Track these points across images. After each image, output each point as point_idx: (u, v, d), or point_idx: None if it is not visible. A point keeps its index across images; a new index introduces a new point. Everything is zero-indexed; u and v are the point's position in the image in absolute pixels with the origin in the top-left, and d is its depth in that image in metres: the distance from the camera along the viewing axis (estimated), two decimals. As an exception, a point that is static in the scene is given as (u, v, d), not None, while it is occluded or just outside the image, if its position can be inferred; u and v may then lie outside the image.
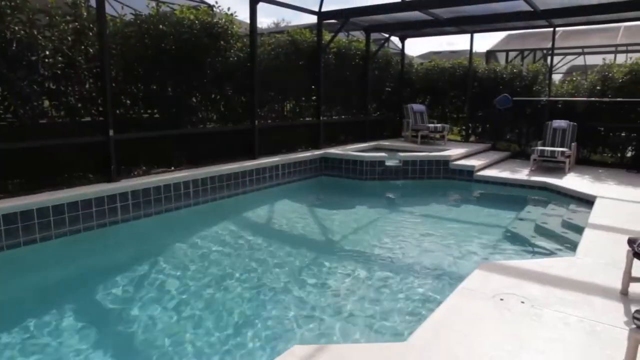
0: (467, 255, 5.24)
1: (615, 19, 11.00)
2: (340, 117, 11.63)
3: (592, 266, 4.08)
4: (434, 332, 2.92)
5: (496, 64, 13.99)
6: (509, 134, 12.31)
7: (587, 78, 11.23)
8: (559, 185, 7.76)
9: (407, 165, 8.84)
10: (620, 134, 10.66)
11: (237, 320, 3.73)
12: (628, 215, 5.85)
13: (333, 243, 5.95)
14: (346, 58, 11.33)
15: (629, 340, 2.31)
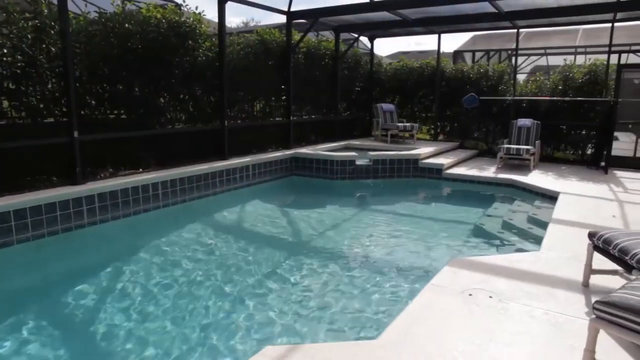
0: (437, 252, 5.33)
1: (574, 21, 11.44)
2: (310, 116, 11.66)
3: (556, 260, 4.21)
4: (404, 328, 2.95)
5: (463, 64, 14.25)
6: (477, 132, 12.58)
7: (550, 78, 11.58)
8: (525, 182, 7.98)
9: (377, 164, 8.92)
10: (580, 132, 11.04)
11: (208, 322, 3.69)
12: (589, 210, 6.06)
13: (305, 243, 5.96)
14: (316, 58, 11.36)
15: (589, 330, 2.39)
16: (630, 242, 3.22)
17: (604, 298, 2.34)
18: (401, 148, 10.26)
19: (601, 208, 6.20)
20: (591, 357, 2.41)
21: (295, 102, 10.58)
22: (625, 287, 2.46)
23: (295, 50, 10.38)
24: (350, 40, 12.84)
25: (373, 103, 12.67)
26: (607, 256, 3.43)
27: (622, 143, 12.16)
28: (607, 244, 3.36)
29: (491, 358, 2.66)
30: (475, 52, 17.17)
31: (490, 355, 2.69)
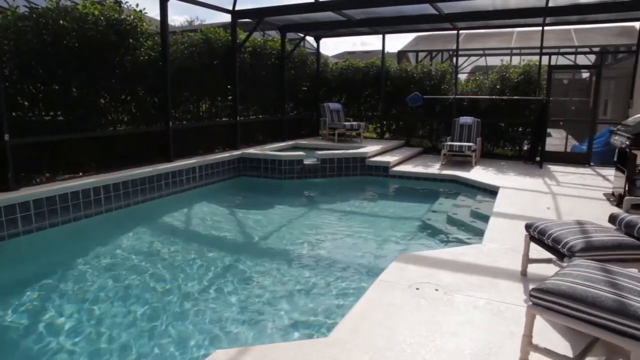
0: (386, 248, 5.44)
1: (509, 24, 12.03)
2: (257, 116, 11.57)
3: (497, 252, 4.40)
4: (354, 325, 3.00)
5: (407, 63, 14.60)
6: (421, 130, 12.94)
7: (488, 78, 12.09)
8: (467, 177, 8.29)
9: (325, 163, 8.99)
10: (517, 129, 11.59)
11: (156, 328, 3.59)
12: (526, 203, 6.38)
13: (254, 244, 5.91)
14: (262, 57, 11.30)
15: (526, 316, 2.52)
16: (562, 231, 3.42)
17: (538, 285, 2.48)
18: (348, 147, 10.39)
19: (537, 201, 6.54)
20: (528, 342, 2.54)
21: (241, 102, 10.48)
22: (557, 274, 2.61)
23: (240, 49, 10.28)
24: (297, 39, 12.86)
25: (320, 102, 12.76)
26: (543, 246, 3.63)
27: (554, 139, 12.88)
28: (542, 234, 3.56)
29: (437, 348, 2.75)
30: (418, 52, 17.64)
31: (436, 345, 2.78)
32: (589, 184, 7.88)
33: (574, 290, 2.38)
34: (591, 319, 2.28)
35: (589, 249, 3.14)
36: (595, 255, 3.13)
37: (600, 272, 2.61)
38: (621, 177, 6.51)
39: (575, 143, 11.90)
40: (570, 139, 11.93)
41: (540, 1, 9.07)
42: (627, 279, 2.51)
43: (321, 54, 14.04)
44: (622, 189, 6.35)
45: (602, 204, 6.44)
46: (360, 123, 11.62)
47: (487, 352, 2.71)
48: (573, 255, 3.14)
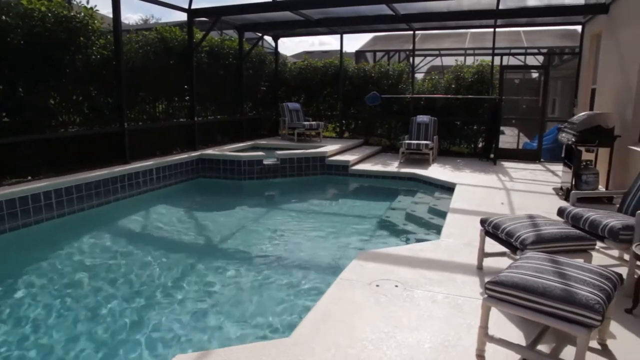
0: (346, 247, 5.48)
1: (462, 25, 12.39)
2: (215, 117, 11.42)
3: (454, 247, 4.52)
4: (316, 324, 3.01)
5: (365, 63, 14.77)
6: (380, 129, 13.11)
7: (444, 77, 12.38)
8: (425, 175, 8.47)
9: (285, 163, 8.97)
10: (472, 127, 11.93)
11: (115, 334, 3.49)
12: (481, 199, 6.58)
13: (215, 245, 5.83)
14: (219, 57, 11.16)
15: (482, 308, 2.61)
16: (514, 225, 3.55)
17: (493, 278, 2.57)
18: (308, 146, 10.41)
19: (492, 196, 6.76)
20: (484, 333, 2.63)
21: (199, 103, 10.32)
22: (510, 267, 2.71)
23: (197, 49, 10.11)
24: (255, 39, 12.77)
25: (279, 102, 12.73)
26: (497, 240, 3.76)
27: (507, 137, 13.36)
28: (496, 228, 3.68)
29: (398, 343, 2.80)
30: (376, 52, 17.88)
31: (396, 340, 2.83)
32: (539, 179, 8.21)
33: (526, 281, 2.48)
34: (542, 308, 2.38)
35: (539, 241, 3.28)
36: (545, 247, 3.27)
37: (549, 263, 2.73)
38: (568, 172, 6.82)
39: (526, 140, 12.38)
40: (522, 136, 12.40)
41: (492, 4, 9.37)
42: (573, 268, 2.64)
43: (280, 54, 14.01)
44: (569, 184, 6.65)
45: (552, 198, 6.72)
46: (319, 122, 11.66)
47: (446, 345, 2.78)
48: (525, 248, 3.26)
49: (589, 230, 3.77)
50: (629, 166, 6.49)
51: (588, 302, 2.26)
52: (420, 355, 2.67)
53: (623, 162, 6.70)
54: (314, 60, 13.81)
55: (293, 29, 12.03)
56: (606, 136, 6.47)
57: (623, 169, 6.69)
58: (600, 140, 6.47)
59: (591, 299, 2.28)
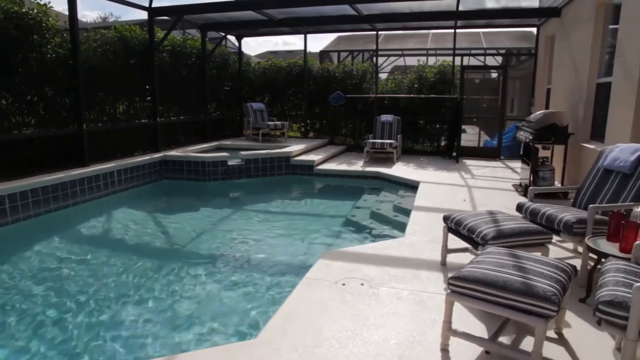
0: (312, 246, 5.49)
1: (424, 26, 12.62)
2: (178, 117, 11.22)
3: (418, 244, 4.60)
4: (282, 324, 3.01)
5: (329, 63, 14.83)
6: (344, 128, 13.19)
7: (407, 77, 12.58)
8: (389, 174, 8.58)
9: (249, 163, 8.91)
10: (435, 126, 12.16)
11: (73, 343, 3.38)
12: (444, 196, 6.72)
13: (180, 248, 5.74)
14: (182, 57, 10.98)
15: (446, 303, 2.67)
16: (476, 222, 3.64)
17: (455, 274, 2.63)
18: (273, 146, 10.37)
19: (454, 193, 6.92)
20: (448, 328, 2.68)
21: (162, 103, 10.12)
22: (472, 262, 2.78)
23: (159, 48, 9.92)
24: (218, 38, 12.63)
25: (243, 102, 12.63)
26: (459, 236, 3.84)
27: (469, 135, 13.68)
28: (458, 225, 3.77)
29: (364, 340, 2.83)
30: (340, 52, 17.97)
31: (363, 338, 2.85)
32: (499, 176, 8.45)
33: (487, 276, 2.55)
34: (502, 301, 2.46)
35: (499, 236, 3.38)
36: (505, 242, 3.37)
37: (509, 257, 2.81)
38: (526, 169, 7.05)
39: (487, 138, 12.71)
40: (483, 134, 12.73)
41: (452, 5, 9.58)
42: (531, 262, 2.73)
43: (244, 54, 13.90)
44: (527, 180, 6.88)
45: (511, 194, 6.93)
46: (284, 122, 11.64)
47: (411, 341, 2.82)
48: (486, 243, 3.35)
49: (545, 225, 3.90)
50: (581, 162, 6.76)
51: (545, 293, 2.35)
52: (386, 352, 2.71)
53: (576, 159, 6.98)
54: (278, 60, 13.77)
55: (256, 28, 11.95)
56: (561, 134, 6.72)
57: (576, 165, 6.97)
58: (556, 138, 6.72)
59: (548, 291, 2.36)
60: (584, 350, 2.74)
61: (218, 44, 12.27)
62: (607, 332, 2.69)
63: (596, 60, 6.82)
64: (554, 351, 2.72)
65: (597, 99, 6.78)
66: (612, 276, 2.43)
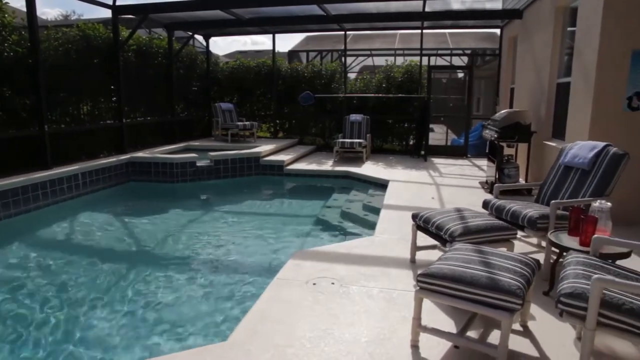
0: (283, 247, 5.48)
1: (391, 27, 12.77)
2: (145, 118, 11.00)
3: (388, 242, 4.65)
4: (253, 326, 2.99)
5: (298, 63, 14.83)
6: (314, 128, 13.21)
7: (375, 77, 12.69)
8: (359, 173, 8.65)
9: (218, 164, 8.82)
10: (403, 125, 12.31)
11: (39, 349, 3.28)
12: (413, 194, 6.82)
13: (148, 252, 5.63)
14: (148, 56, 10.78)
15: (415, 300, 2.71)
16: (443, 219, 3.71)
17: (424, 271, 2.67)
18: (242, 147, 10.30)
19: (423, 191, 7.02)
20: (418, 324, 2.73)
21: (128, 104, 9.91)
22: (441, 259, 2.84)
23: (124, 47, 9.71)
24: (185, 38, 12.44)
25: (212, 102, 12.49)
26: (428, 233, 3.91)
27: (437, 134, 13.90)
28: (427, 222, 3.83)
29: (336, 339, 2.84)
30: (309, 52, 18.00)
31: (334, 337, 2.87)
32: (466, 174, 8.63)
33: (454, 272, 2.60)
34: (469, 296, 2.51)
35: (466, 233, 3.45)
36: (472, 239, 3.44)
37: (476, 253, 2.88)
38: (492, 166, 7.22)
39: (454, 137, 12.96)
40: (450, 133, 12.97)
41: (418, 6, 9.72)
42: (497, 257, 2.80)
43: (212, 53, 13.75)
44: (493, 177, 7.05)
45: (478, 191, 7.08)
46: (253, 123, 11.57)
47: (382, 338, 2.86)
48: (454, 240, 3.42)
49: (510, 221, 4.01)
50: (544, 160, 6.97)
51: (510, 288, 2.41)
52: (358, 350, 2.73)
53: (539, 156, 7.19)
54: (246, 60, 13.68)
55: (224, 28, 11.84)
56: (524, 132, 6.91)
57: (539, 163, 7.18)
58: (519, 136, 6.91)
59: (513, 285, 2.43)
60: (547, 341, 2.83)
61: (185, 44, 12.09)
62: (568, 322, 2.80)
63: (556, 61, 7.05)
64: (520, 343, 2.80)
65: (557, 99, 7.00)
66: (572, 269, 2.52)
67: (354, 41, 16.38)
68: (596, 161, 4.08)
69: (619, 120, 5.27)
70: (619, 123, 5.27)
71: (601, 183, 3.94)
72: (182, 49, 11.89)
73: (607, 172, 3.95)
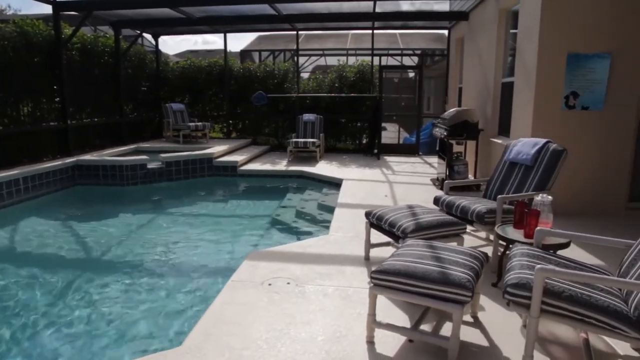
0: (238, 248, 5.42)
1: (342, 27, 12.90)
2: (92, 119, 10.58)
3: (342, 240, 4.70)
4: (208, 329, 2.95)
5: (251, 63, 14.70)
6: (267, 128, 13.14)
7: (328, 76, 12.76)
8: (313, 172, 8.68)
9: (170, 166, 8.62)
10: (356, 124, 12.45)
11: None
12: (367, 192, 6.91)
13: (98, 258, 5.42)
14: (93, 55, 10.37)
15: (369, 296, 2.75)
16: (396, 216, 3.78)
17: (377, 267, 2.71)
18: (194, 148, 10.11)
19: (376, 189, 7.13)
20: (373, 320, 2.77)
21: (73, 104, 9.50)
22: (393, 255, 2.89)
23: (67, 46, 9.30)
24: (133, 36, 12.07)
25: (162, 103, 12.18)
26: (381, 231, 3.96)
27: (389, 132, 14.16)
28: (380, 220, 3.89)
29: (292, 339, 2.84)
30: (261, 51, 17.88)
31: (291, 336, 2.87)
32: (418, 171, 8.84)
33: (407, 268, 2.66)
34: (422, 291, 2.57)
35: (418, 229, 3.53)
36: (424, 234, 3.53)
37: (427, 249, 2.95)
38: (442, 163, 7.43)
39: (406, 135, 13.24)
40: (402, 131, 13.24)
41: (369, 7, 9.86)
42: (448, 252, 2.89)
43: (161, 52, 13.40)
44: (443, 174, 7.25)
45: (429, 188, 7.26)
46: (205, 123, 11.39)
47: (338, 336, 2.88)
48: (406, 236, 3.49)
49: (460, 216, 4.14)
50: (491, 156, 7.24)
51: (460, 281, 2.49)
52: (314, 348, 2.74)
53: (487, 153, 7.46)
54: (198, 60, 13.43)
55: (174, 27, 11.59)
56: (472, 130, 7.15)
57: (487, 159, 7.45)
58: (468, 134, 7.14)
59: (462, 278, 2.51)
60: (496, 330, 2.94)
61: (133, 42, 11.73)
62: (515, 311, 2.92)
63: (500, 62, 7.33)
64: (471, 334, 2.89)
65: (502, 97, 7.28)
66: (517, 260, 2.63)
67: (306, 41, 16.41)
68: (538, 157, 4.28)
69: (558, 118, 5.55)
70: (558, 121, 5.55)
71: (543, 178, 4.14)
72: (130, 48, 11.53)
73: (548, 167, 4.15)
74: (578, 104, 5.52)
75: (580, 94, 5.49)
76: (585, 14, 5.34)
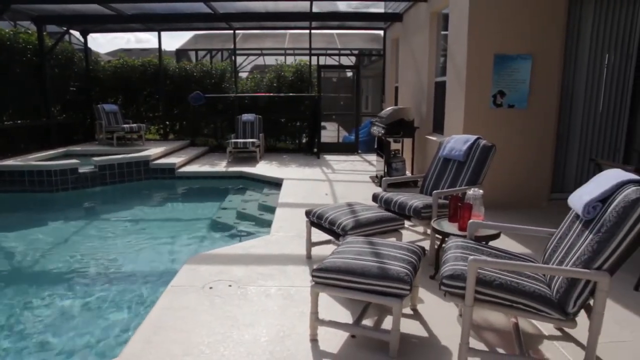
0: (178, 252, 5.28)
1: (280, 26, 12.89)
2: (15, 122, 9.91)
3: (284, 240, 4.69)
4: (147, 337, 2.85)
5: (187, 62, 14.33)
6: (205, 129, 12.88)
7: (266, 76, 12.70)
8: (253, 172, 8.61)
9: (104, 169, 8.24)
10: (296, 124, 12.48)
11: None
12: (307, 191, 6.95)
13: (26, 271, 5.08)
14: (14, 53, 9.72)
15: (311, 295, 2.76)
16: (336, 214, 3.82)
17: (318, 265, 2.73)
18: (129, 150, 9.73)
19: (317, 188, 7.18)
20: (315, 318, 2.78)
21: (-9, 106, 8.87)
22: (334, 253, 2.92)
23: (-18, 43, 8.66)
24: (59, 33, 11.41)
25: (93, 104, 11.62)
26: (322, 229, 4.00)
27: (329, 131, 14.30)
28: (320, 218, 3.92)
29: (235, 342, 2.80)
30: (198, 50, 17.46)
31: (234, 339, 2.83)
32: (358, 169, 8.98)
33: (347, 264, 2.69)
34: (362, 287, 2.62)
35: (357, 226, 3.59)
36: (364, 231, 3.59)
37: (367, 245, 3.01)
38: (381, 161, 7.60)
39: (345, 134, 13.41)
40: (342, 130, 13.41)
41: (306, 7, 9.90)
42: (386, 247, 2.96)
43: (91, 51, 12.76)
44: (382, 172, 7.42)
45: (369, 185, 7.41)
46: (140, 124, 10.99)
47: (282, 336, 2.87)
48: (346, 233, 3.54)
49: (398, 212, 4.25)
50: (427, 153, 7.49)
51: (399, 275, 2.56)
52: (258, 350, 2.72)
53: (423, 150, 7.72)
54: (131, 59, 12.91)
55: (104, 24, 11.08)
56: (408, 128, 7.36)
57: (423, 156, 7.70)
58: (404, 132, 7.34)
59: (401, 272, 2.58)
60: (435, 321, 3.04)
61: (59, 40, 11.09)
62: (452, 302, 3.03)
63: (433, 62, 7.60)
64: (411, 326, 2.98)
65: (436, 96, 7.55)
66: (452, 252, 2.74)
67: (244, 40, 16.23)
68: (470, 153, 4.48)
69: (487, 116, 5.83)
70: (487, 118, 5.83)
71: (475, 172, 4.34)
72: (56, 46, 10.90)
73: (479, 162, 4.35)
74: (505, 102, 5.82)
75: (506, 92, 5.80)
76: (509, 19, 5.64)
